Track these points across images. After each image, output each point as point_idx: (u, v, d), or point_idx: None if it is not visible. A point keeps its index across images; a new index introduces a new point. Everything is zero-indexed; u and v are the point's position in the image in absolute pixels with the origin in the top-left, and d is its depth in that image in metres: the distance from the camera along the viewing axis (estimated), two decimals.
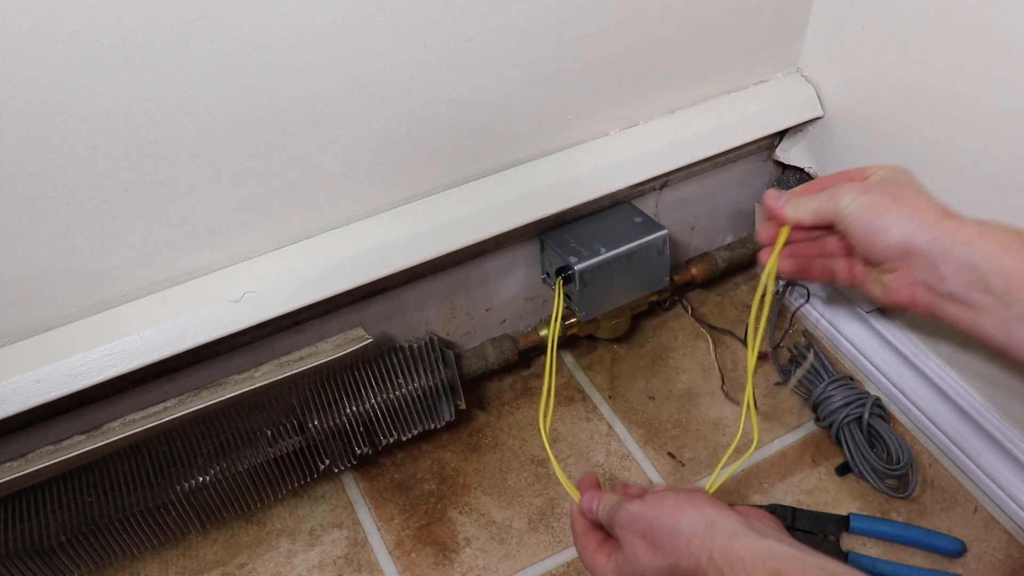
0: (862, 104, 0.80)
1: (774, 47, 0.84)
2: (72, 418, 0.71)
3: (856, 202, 0.55)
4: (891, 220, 0.53)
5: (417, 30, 0.64)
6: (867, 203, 0.54)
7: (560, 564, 0.77)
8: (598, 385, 0.93)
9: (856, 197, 0.55)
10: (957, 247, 0.50)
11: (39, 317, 0.65)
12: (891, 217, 0.53)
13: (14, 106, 0.53)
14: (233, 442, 0.75)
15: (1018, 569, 0.75)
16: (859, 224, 0.54)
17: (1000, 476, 0.78)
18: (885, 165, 0.59)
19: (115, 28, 0.53)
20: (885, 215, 0.53)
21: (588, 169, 0.79)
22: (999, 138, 0.67)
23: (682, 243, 0.97)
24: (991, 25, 0.64)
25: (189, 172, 0.63)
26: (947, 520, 0.79)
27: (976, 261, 0.49)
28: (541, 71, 0.72)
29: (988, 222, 0.52)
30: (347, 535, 0.81)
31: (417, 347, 0.79)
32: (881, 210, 0.53)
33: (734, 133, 0.84)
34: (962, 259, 0.50)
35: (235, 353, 0.75)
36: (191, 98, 0.59)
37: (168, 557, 0.80)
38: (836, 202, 0.56)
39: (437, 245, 0.74)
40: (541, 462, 0.85)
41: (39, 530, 0.69)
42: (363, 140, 0.68)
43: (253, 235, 0.69)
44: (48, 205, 0.59)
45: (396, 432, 0.80)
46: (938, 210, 0.53)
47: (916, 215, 0.52)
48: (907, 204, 0.53)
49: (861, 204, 0.54)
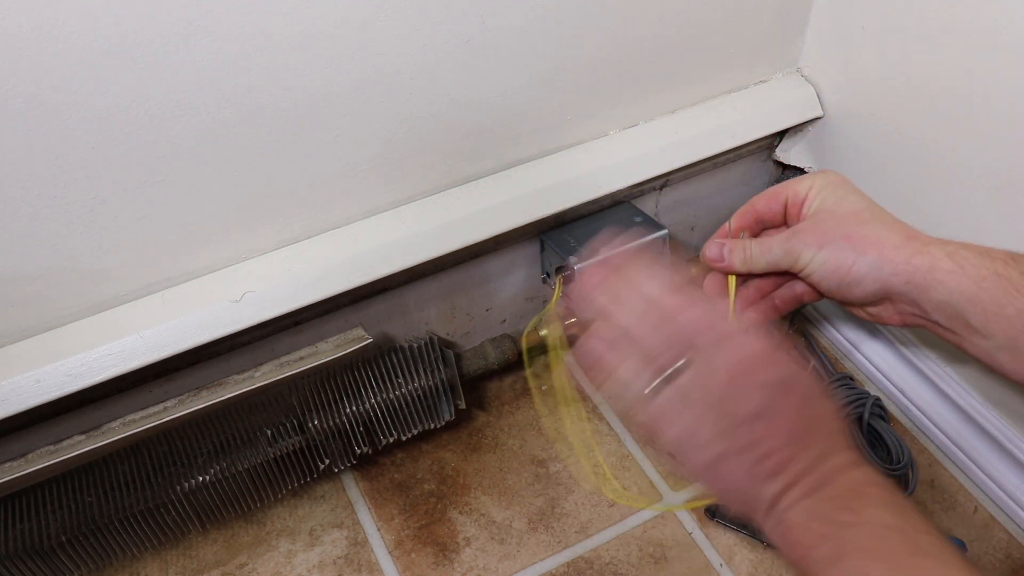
0: (862, 104, 0.80)
1: (774, 47, 0.84)
2: (72, 418, 0.71)
3: (817, 259, 0.52)
4: (861, 271, 0.50)
5: (417, 30, 0.64)
6: (830, 259, 0.51)
7: (560, 564, 0.77)
8: None
9: (815, 253, 0.52)
10: (933, 287, 0.49)
11: (39, 317, 0.65)
12: (860, 268, 0.50)
13: (14, 106, 0.53)
14: (233, 442, 0.75)
15: (1018, 569, 0.75)
16: (829, 282, 0.52)
17: (1000, 476, 0.78)
18: (816, 180, 0.55)
19: (115, 28, 0.53)
20: (854, 268, 0.51)
21: (588, 169, 0.79)
22: (999, 138, 0.67)
23: (682, 243, 0.97)
24: (991, 25, 0.64)
25: (189, 172, 0.63)
26: (947, 520, 0.79)
27: (953, 300, 0.49)
28: (541, 71, 0.72)
29: (958, 249, 0.50)
30: (347, 535, 0.81)
31: (417, 347, 0.79)
32: (848, 263, 0.51)
33: (734, 133, 0.84)
34: (939, 299, 0.49)
35: (235, 353, 0.75)
36: (191, 98, 0.59)
37: (168, 557, 0.80)
38: (795, 259, 0.52)
39: (437, 245, 0.74)
40: (541, 462, 0.85)
41: (39, 530, 0.69)
42: (363, 140, 0.68)
43: (253, 235, 0.69)
44: (48, 205, 0.59)
45: (396, 432, 0.80)
46: (903, 244, 0.50)
47: (885, 260, 0.50)
48: (872, 247, 0.50)
49: (824, 262, 0.51)
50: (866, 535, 0.38)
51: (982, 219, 0.72)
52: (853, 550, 0.38)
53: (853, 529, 0.38)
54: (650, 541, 0.79)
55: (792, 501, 0.40)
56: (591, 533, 0.79)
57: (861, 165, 0.83)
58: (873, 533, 0.38)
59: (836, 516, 0.39)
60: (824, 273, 0.51)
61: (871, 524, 0.39)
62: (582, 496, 0.82)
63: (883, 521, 0.38)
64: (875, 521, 0.39)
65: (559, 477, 0.84)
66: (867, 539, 0.38)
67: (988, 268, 0.49)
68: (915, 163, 0.77)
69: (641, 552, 0.78)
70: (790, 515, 0.40)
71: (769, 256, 0.53)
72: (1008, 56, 0.64)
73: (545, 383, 0.93)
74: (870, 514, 0.39)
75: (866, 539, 0.38)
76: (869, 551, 0.38)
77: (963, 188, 0.73)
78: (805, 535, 0.40)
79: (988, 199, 0.71)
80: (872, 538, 0.38)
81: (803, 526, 0.40)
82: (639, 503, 0.67)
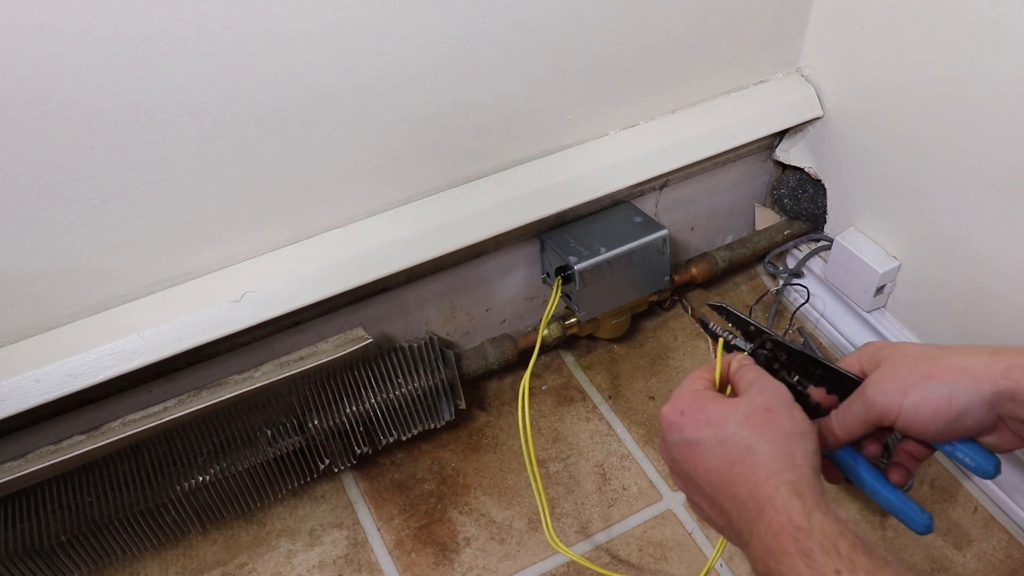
0: (862, 104, 0.80)
1: (774, 47, 0.84)
2: (72, 418, 0.71)
3: (907, 405, 0.48)
4: (962, 402, 0.47)
5: (418, 30, 0.64)
6: (924, 402, 0.48)
7: (560, 564, 0.77)
8: (598, 385, 0.93)
9: (902, 399, 0.48)
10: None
11: (39, 317, 0.65)
12: (960, 399, 0.47)
13: (14, 106, 0.53)
14: (233, 442, 0.75)
15: (1018, 569, 0.75)
16: (934, 425, 0.48)
17: (1000, 476, 0.78)
18: (863, 352, 0.52)
19: (115, 28, 0.53)
20: (953, 401, 0.47)
21: (588, 169, 0.79)
22: (999, 137, 0.67)
23: (682, 243, 0.97)
24: (991, 25, 0.64)
25: (189, 172, 0.63)
26: (947, 520, 0.79)
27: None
28: (541, 71, 0.72)
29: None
30: (347, 535, 0.81)
31: (417, 347, 0.79)
32: (945, 399, 0.47)
33: (734, 133, 0.84)
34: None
35: (235, 353, 0.75)
36: (191, 98, 0.59)
37: (168, 557, 0.80)
38: (879, 409, 0.49)
39: (437, 245, 0.74)
40: (541, 462, 0.85)
41: (39, 530, 0.69)
42: (363, 140, 0.68)
43: (253, 235, 0.69)
44: (48, 205, 0.59)
45: (396, 432, 0.80)
46: (991, 362, 0.47)
47: (982, 381, 0.47)
48: (960, 375, 0.47)
49: (917, 406, 0.48)
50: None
51: (982, 219, 0.72)
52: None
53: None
54: (650, 541, 0.79)
55: (751, 565, 0.44)
56: (591, 533, 0.79)
57: (861, 165, 0.83)
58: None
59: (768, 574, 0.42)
60: (924, 417, 0.48)
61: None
62: (582, 496, 0.82)
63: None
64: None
65: (559, 477, 0.84)
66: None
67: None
68: (915, 163, 0.77)
69: (641, 552, 0.78)
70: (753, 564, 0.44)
71: (851, 414, 0.51)
72: (1008, 56, 0.64)
73: (546, 383, 0.93)
74: (789, 571, 0.41)
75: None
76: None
77: (963, 188, 0.73)
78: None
79: (988, 199, 0.71)
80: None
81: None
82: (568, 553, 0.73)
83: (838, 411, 0.52)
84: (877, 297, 0.86)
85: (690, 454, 0.48)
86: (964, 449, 0.50)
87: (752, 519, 0.44)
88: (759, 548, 0.43)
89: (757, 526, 0.43)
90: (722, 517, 0.47)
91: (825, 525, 0.41)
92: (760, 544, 0.43)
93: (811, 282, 0.96)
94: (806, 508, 0.42)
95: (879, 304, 0.88)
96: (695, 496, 0.49)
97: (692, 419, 0.48)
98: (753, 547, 0.43)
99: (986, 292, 0.75)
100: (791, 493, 0.43)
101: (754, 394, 0.48)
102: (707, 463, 0.47)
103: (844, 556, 0.40)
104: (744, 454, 0.45)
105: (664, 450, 0.51)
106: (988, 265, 0.74)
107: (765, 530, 0.42)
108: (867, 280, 0.85)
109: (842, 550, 0.40)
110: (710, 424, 0.47)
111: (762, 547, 0.42)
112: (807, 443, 0.46)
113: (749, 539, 0.44)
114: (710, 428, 0.47)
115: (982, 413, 0.47)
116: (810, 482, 0.44)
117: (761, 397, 0.48)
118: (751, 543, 0.44)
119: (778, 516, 0.42)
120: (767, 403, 0.47)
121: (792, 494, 0.42)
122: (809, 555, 0.40)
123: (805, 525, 0.41)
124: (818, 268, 0.93)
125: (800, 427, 0.46)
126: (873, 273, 0.83)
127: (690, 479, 0.49)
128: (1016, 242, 0.70)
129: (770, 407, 0.47)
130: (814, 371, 0.53)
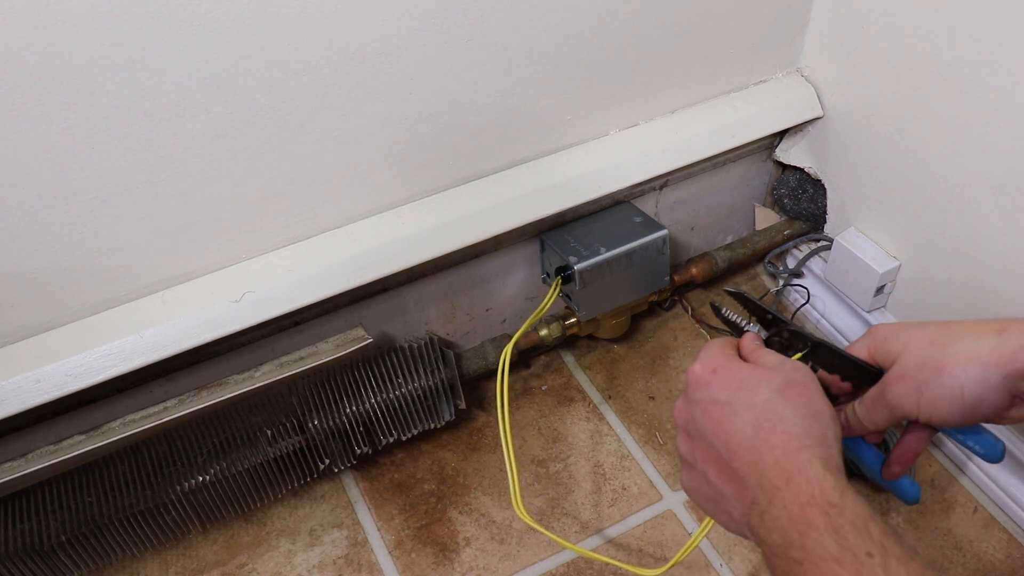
0: (862, 104, 0.80)
1: (774, 47, 0.84)
2: (72, 418, 0.71)
3: (923, 405, 0.48)
4: (975, 391, 0.47)
5: (418, 30, 0.64)
6: (938, 400, 0.48)
7: (560, 564, 0.77)
8: (598, 385, 0.93)
9: (917, 399, 0.49)
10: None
11: (39, 317, 0.65)
12: (972, 390, 0.47)
13: (14, 106, 0.53)
14: (233, 442, 0.75)
15: (1018, 569, 0.75)
16: (953, 418, 0.48)
17: (1000, 476, 0.78)
18: (871, 338, 0.52)
19: (115, 28, 0.53)
20: (966, 392, 0.47)
21: (588, 169, 0.79)
22: (999, 137, 0.67)
23: (682, 243, 0.97)
24: (991, 25, 0.64)
25: (189, 172, 0.63)
26: (947, 520, 0.79)
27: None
28: (541, 71, 0.72)
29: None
30: (347, 535, 0.81)
31: (417, 347, 0.79)
32: (957, 392, 0.47)
33: (734, 133, 0.84)
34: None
35: (235, 353, 0.75)
36: (191, 98, 0.59)
37: (168, 557, 0.80)
38: (902, 411, 0.50)
39: (437, 245, 0.74)
40: (541, 462, 0.85)
41: (39, 530, 0.69)
42: (363, 140, 0.68)
43: (253, 235, 0.69)
44: (48, 205, 0.59)
45: (396, 432, 0.80)
46: (998, 344, 0.47)
47: (990, 367, 0.46)
48: (969, 364, 0.47)
49: (933, 404, 0.48)
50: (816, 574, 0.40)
51: (982, 218, 0.72)
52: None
53: (804, 566, 0.40)
54: (650, 541, 0.79)
55: (759, 538, 0.43)
56: (591, 533, 0.79)
57: (861, 165, 0.83)
58: (819, 571, 0.39)
59: (787, 552, 0.41)
60: (941, 412, 0.48)
61: (818, 559, 0.39)
62: (582, 496, 0.82)
63: (829, 553, 0.39)
64: (822, 554, 0.39)
65: (559, 477, 0.84)
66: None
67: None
68: (915, 163, 0.77)
69: (641, 552, 0.78)
70: (763, 549, 0.43)
71: (876, 416, 0.51)
72: (1009, 56, 0.64)
73: (546, 383, 0.93)
74: (815, 546, 0.40)
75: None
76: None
77: (963, 187, 0.73)
78: (774, 571, 0.42)
79: (988, 198, 0.71)
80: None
81: (769, 562, 0.42)
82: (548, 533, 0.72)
83: (861, 405, 0.53)
84: (877, 297, 0.86)
85: (716, 413, 0.47)
86: (973, 437, 0.51)
87: (777, 486, 0.42)
88: (780, 517, 0.41)
89: (782, 494, 0.42)
90: (731, 484, 0.45)
91: (858, 506, 0.40)
92: (783, 513, 0.41)
93: (811, 282, 0.96)
94: (839, 486, 0.41)
95: (879, 304, 0.88)
96: (703, 459, 0.47)
97: (725, 378, 0.48)
98: (772, 515, 0.42)
99: (986, 291, 0.75)
100: (824, 468, 0.42)
101: (788, 369, 0.48)
102: (732, 425, 0.46)
103: (876, 540, 0.39)
104: (776, 421, 0.45)
105: (682, 408, 0.49)
106: (988, 265, 0.74)
107: (792, 499, 0.41)
108: (867, 280, 0.85)
109: (874, 534, 0.39)
110: (743, 387, 0.47)
111: (785, 516, 0.41)
112: (836, 426, 0.46)
113: (767, 507, 0.42)
114: (743, 391, 0.46)
115: (997, 398, 0.47)
116: (839, 464, 0.44)
117: (796, 374, 0.48)
118: (769, 511, 0.42)
119: (809, 488, 0.41)
120: (802, 380, 0.47)
121: (825, 469, 0.42)
122: (840, 532, 0.39)
123: (838, 502, 0.40)
124: (818, 268, 0.93)
125: (831, 409, 0.47)
126: (873, 273, 0.83)
127: (703, 439, 0.47)
128: (1016, 242, 0.70)
129: (805, 383, 0.47)
130: (830, 360, 0.53)
